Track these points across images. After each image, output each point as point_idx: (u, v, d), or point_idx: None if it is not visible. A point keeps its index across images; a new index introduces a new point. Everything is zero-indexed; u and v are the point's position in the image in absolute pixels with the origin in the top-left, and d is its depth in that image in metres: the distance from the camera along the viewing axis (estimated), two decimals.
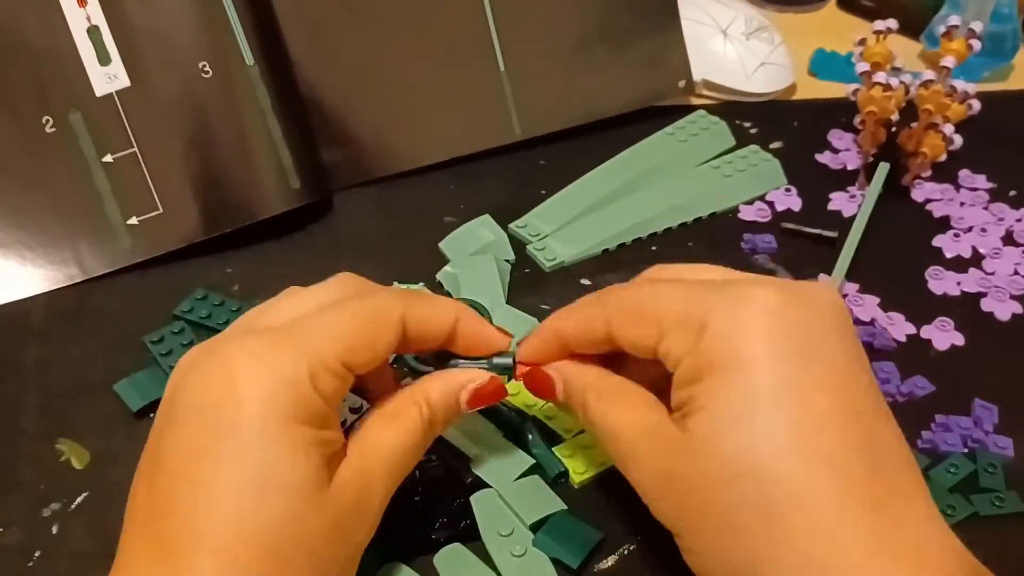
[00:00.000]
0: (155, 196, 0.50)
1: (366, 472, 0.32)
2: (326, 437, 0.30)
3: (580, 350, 0.35)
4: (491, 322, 0.44)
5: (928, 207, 0.55)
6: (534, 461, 0.40)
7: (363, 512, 0.32)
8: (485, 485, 0.39)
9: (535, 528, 0.37)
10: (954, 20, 0.57)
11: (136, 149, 0.50)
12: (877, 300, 0.48)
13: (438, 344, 0.35)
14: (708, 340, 0.30)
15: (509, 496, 0.38)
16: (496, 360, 0.36)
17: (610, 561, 0.37)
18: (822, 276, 0.49)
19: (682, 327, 0.31)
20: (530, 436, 0.40)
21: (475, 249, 0.50)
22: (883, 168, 0.55)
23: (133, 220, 0.50)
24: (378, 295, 0.34)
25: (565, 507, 0.38)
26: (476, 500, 0.38)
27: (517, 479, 0.39)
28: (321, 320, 0.32)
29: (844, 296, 0.48)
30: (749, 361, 0.29)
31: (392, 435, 0.33)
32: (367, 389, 0.37)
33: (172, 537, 0.28)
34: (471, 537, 0.37)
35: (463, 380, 0.35)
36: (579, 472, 0.39)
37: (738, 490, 0.28)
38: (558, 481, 0.39)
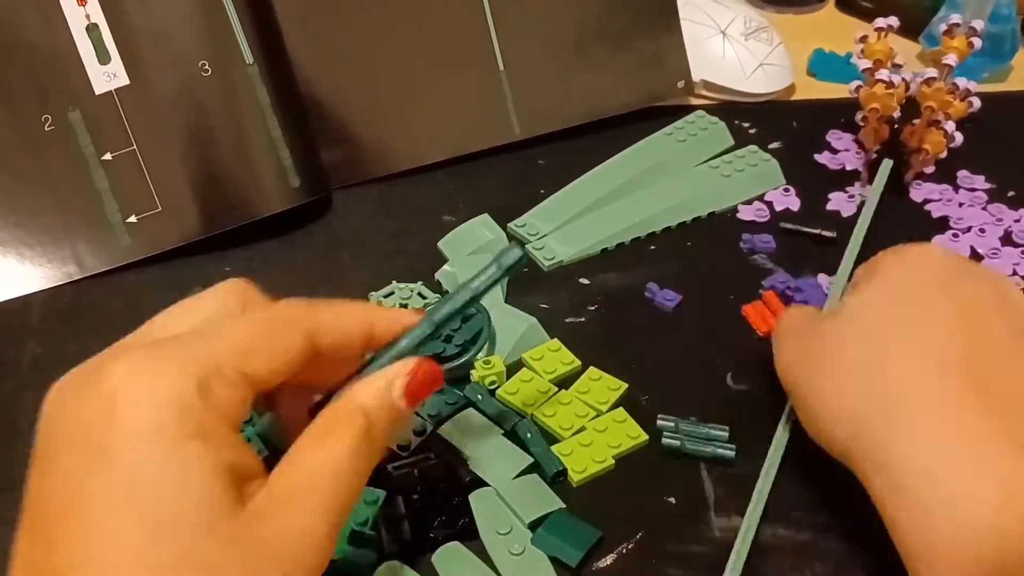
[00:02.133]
0: (154, 194, 0.50)
1: (292, 500, 0.28)
2: (227, 457, 0.27)
3: None
4: (490, 322, 0.44)
5: (927, 207, 0.55)
6: (533, 459, 0.40)
7: (301, 543, 0.27)
8: (484, 483, 0.39)
9: (534, 526, 0.37)
10: (955, 18, 0.57)
11: (135, 147, 0.50)
12: None
13: (356, 350, 0.32)
14: (870, 269, 0.40)
15: (508, 494, 0.38)
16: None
17: (609, 560, 0.37)
18: (821, 276, 0.49)
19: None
20: (528, 435, 0.40)
21: (474, 248, 0.50)
22: (886, 164, 0.55)
23: (132, 218, 0.50)
24: (281, 305, 0.31)
25: (564, 505, 0.38)
26: (475, 498, 0.38)
27: (515, 477, 0.39)
28: (213, 328, 0.29)
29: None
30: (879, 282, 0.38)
31: (323, 455, 0.29)
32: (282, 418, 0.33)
33: None
34: (470, 536, 0.37)
35: (391, 375, 0.31)
36: (578, 471, 0.39)
37: (866, 345, 0.35)
38: (557, 480, 0.39)
